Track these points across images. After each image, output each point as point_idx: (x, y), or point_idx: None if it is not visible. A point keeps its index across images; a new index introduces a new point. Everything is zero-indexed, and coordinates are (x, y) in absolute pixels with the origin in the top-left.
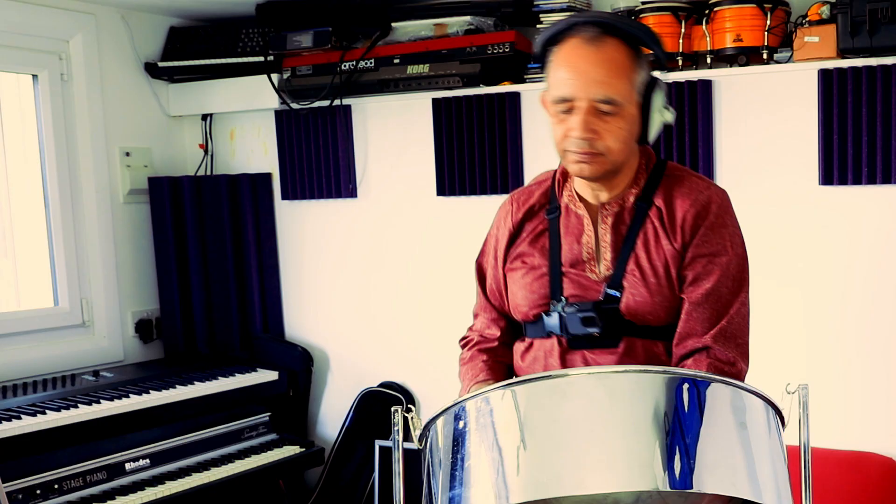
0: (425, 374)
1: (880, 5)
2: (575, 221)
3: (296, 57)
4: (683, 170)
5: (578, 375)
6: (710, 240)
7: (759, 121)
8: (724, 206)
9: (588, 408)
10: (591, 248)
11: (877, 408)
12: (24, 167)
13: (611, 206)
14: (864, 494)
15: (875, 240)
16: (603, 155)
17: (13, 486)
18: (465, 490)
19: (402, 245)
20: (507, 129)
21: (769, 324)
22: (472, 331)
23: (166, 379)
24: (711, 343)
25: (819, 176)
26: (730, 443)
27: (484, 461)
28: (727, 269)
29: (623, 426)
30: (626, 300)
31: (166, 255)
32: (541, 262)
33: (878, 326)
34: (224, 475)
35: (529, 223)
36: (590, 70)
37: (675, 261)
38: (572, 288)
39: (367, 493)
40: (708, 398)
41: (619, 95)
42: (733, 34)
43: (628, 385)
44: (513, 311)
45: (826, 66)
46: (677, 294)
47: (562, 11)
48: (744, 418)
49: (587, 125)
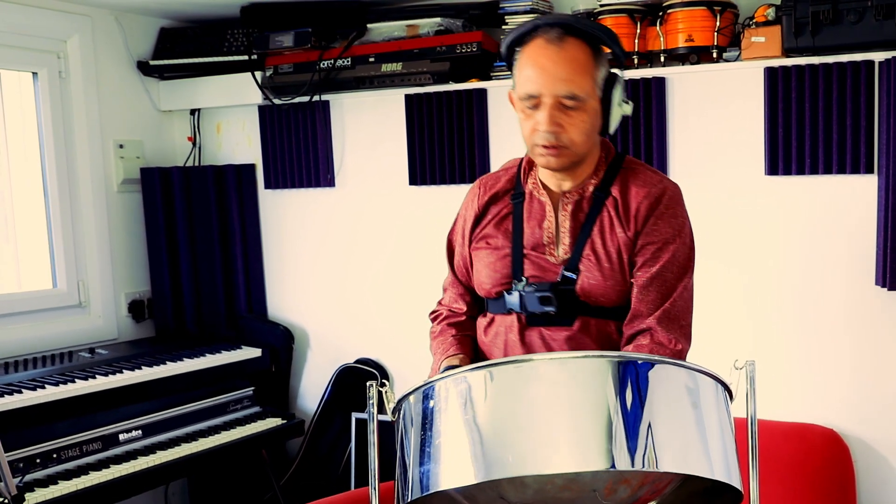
0: (398, 350)
1: (822, 8)
2: (537, 207)
3: (278, 56)
4: (639, 163)
5: (542, 360)
6: (659, 228)
7: (710, 115)
8: (676, 198)
9: (550, 391)
10: (552, 233)
11: (817, 382)
12: (24, 158)
13: (571, 194)
14: (807, 463)
15: (815, 225)
16: (568, 147)
17: (14, 455)
18: (434, 466)
19: (376, 231)
20: (475, 123)
21: (718, 305)
22: (441, 305)
23: (157, 356)
24: (655, 325)
25: (765, 167)
26: (683, 422)
27: (452, 440)
28: (674, 256)
29: (583, 409)
30: (582, 282)
31: (157, 240)
32: (504, 244)
33: (819, 306)
34: (211, 445)
35: (494, 206)
36: (554, 68)
37: (628, 248)
38: (532, 269)
39: (344, 462)
40: (662, 380)
41: (581, 91)
42: (685, 35)
43: (588, 370)
44: (477, 287)
45: (772, 64)
46: (628, 279)
47: (526, 14)
48: (695, 398)
49: (553, 119)
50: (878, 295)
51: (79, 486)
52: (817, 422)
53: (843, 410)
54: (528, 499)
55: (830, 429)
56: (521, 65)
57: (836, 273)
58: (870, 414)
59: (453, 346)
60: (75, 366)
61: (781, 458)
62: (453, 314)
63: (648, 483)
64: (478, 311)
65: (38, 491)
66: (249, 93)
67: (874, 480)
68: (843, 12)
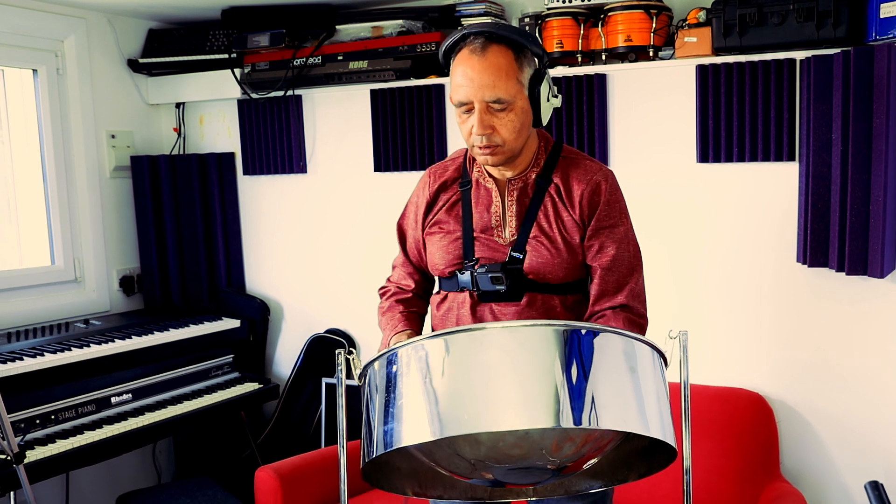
0: (364, 321)
1: (748, 11)
2: (484, 193)
3: (255, 54)
4: (577, 152)
5: (493, 329)
6: (608, 214)
7: (646, 108)
8: (614, 184)
9: (501, 356)
10: (499, 217)
11: (744, 350)
12: (25, 147)
13: (515, 181)
14: (734, 424)
15: (742, 208)
16: (501, 145)
17: (16, 416)
18: (396, 425)
19: (344, 213)
20: (434, 115)
21: (654, 280)
22: (390, 282)
23: (146, 326)
24: (629, 301)
25: (697, 155)
26: (622, 385)
27: (413, 401)
28: (625, 237)
29: (531, 372)
30: (529, 261)
31: (146, 221)
32: (455, 228)
33: (746, 281)
34: (194, 407)
35: (444, 194)
36: (479, 76)
37: (574, 230)
38: (482, 250)
39: (314, 422)
40: (604, 347)
41: (506, 94)
42: (624, 35)
43: (536, 337)
44: (431, 268)
45: (703, 62)
46: (575, 258)
47: (480, 16)
48: (633, 363)
49: (483, 123)
50: (799, 271)
51: (74, 444)
52: (744, 386)
53: (766, 375)
54: (482, 455)
55: (756, 392)
56: (453, 73)
57: (760, 251)
58: (791, 378)
59: (401, 323)
60: (71, 335)
61: (711, 419)
62: (401, 290)
63: (591, 441)
64: (424, 290)
65: (37, 449)
66: (229, 88)
67: (795, 438)
68: (767, 15)
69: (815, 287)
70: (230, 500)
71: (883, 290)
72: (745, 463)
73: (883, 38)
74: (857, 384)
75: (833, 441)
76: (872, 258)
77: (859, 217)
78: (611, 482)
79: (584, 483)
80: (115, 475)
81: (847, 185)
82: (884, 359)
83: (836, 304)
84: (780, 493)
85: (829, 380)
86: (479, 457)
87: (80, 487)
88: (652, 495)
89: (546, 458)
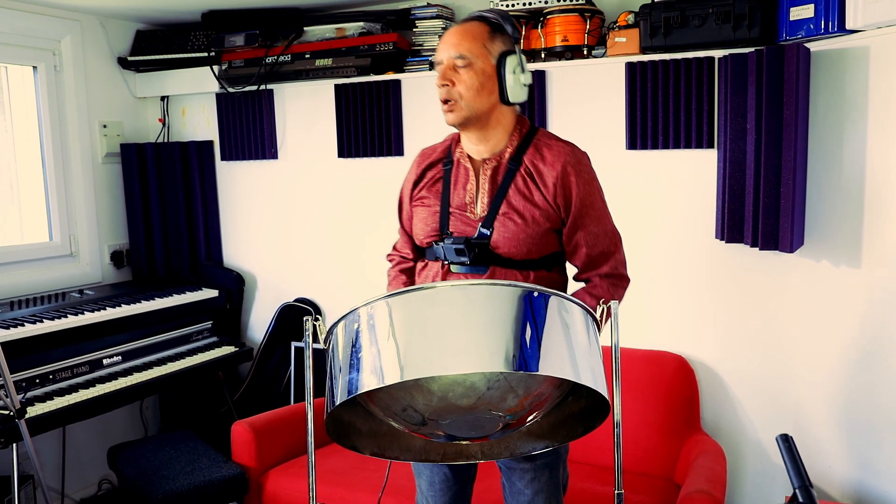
0: (329, 291)
1: (672, 14)
2: (463, 173)
3: (231, 53)
4: (551, 135)
5: (444, 287)
6: (587, 192)
7: (582, 101)
8: (586, 164)
9: (452, 311)
10: (473, 195)
11: (669, 317)
12: (26, 136)
13: (490, 161)
14: (661, 384)
15: (667, 190)
16: (457, 101)
17: (18, 376)
18: (359, 374)
19: (311, 194)
20: (391, 107)
21: None
22: (396, 250)
23: (134, 296)
24: (613, 270)
25: (626, 142)
26: (559, 339)
27: (373, 352)
28: (602, 212)
29: (479, 325)
30: (495, 237)
31: (134, 202)
32: (434, 203)
33: (670, 255)
34: (177, 368)
35: (430, 172)
36: (451, 38)
37: (545, 208)
38: (455, 225)
39: (285, 382)
40: (542, 305)
41: (468, 52)
42: (561, 36)
43: (483, 294)
44: (414, 237)
45: (632, 60)
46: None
47: (432, 19)
48: (569, 320)
49: (444, 76)
50: (717, 246)
51: (70, 401)
52: (668, 349)
53: (689, 340)
54: (434, 405)
55: (679, 355)
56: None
57: (683, 228)
58: (711, 342)
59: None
60: (67, 304)
61: (640, 379)
62: (404, 260)
63: (532, 397)
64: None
65: (37, 405)
66: (208, 83)
67: (714, 396)
68: (689, 17)
69: (732, 261)
70: (209, 451)
71: (792, 263)
72: (670, 418)
73: (792, 39)
74: (769, 347)
75: (748, 398)
76: (783, 235)
77: (771, 198)
78: (552, 443)
79: (528, 445)
80: (107, 429)
81: (760, 169)
82: (793, 324)
83: (750, 276)
84: (700, 444)
85: (745, 343)
86: (431, 407)
87: (75, 440)
88: (587, 447)
89: (491, 409)
